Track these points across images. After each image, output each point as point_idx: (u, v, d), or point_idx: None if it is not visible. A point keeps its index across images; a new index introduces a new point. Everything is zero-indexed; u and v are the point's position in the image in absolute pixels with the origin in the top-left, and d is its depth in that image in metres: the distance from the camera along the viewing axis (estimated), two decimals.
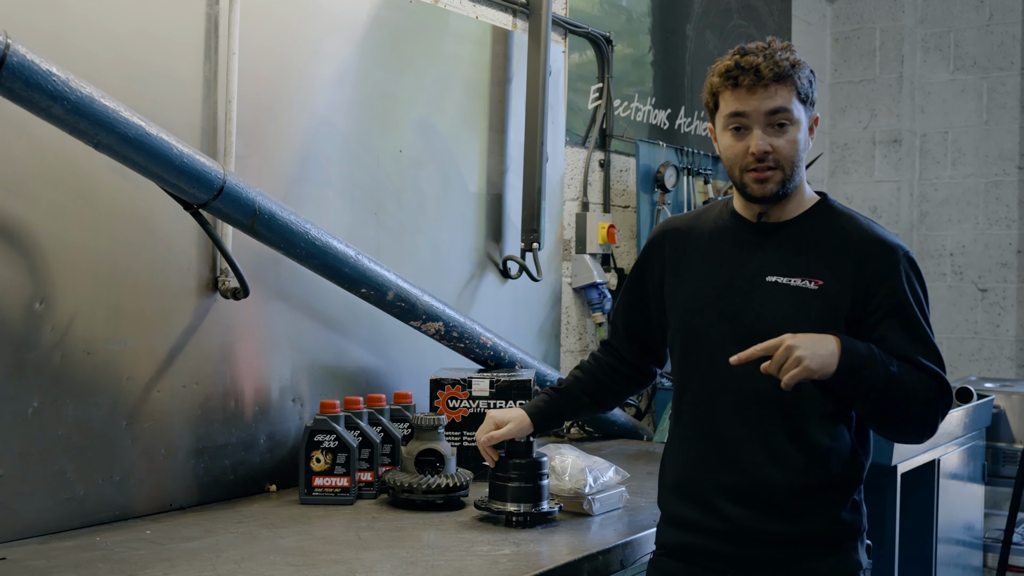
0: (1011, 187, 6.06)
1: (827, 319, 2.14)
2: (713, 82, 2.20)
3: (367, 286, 2.80)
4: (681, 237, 2.37)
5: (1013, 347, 6.05)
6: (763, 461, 2.17)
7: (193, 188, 2.36)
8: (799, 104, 2.16)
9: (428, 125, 3.37)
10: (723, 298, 2.23)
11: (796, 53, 2.18)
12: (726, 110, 2.18)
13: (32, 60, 2.01)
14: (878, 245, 2.19)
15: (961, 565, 4.56)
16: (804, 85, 2.17)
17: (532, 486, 2.51)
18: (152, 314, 2.56)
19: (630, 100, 4.46)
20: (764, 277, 2.20)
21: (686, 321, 2.29)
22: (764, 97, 2.13)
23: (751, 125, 2.16)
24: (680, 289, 2.32)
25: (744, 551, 2.18)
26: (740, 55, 2.17)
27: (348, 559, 2.20)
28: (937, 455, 4.18)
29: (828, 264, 2.18)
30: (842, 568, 2.20)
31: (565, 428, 3.82)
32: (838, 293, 2.15)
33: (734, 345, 2.15)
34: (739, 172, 2.19)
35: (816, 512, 2.17)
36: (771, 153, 2.15)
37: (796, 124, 2.16)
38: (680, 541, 2.27)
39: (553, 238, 3.93)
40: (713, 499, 2.20)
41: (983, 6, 6.12)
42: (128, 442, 2.50)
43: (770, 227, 2.25)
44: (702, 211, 2.44)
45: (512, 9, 3.79)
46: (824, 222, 2.24)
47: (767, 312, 2.18)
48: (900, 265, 2.17)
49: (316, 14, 2.98)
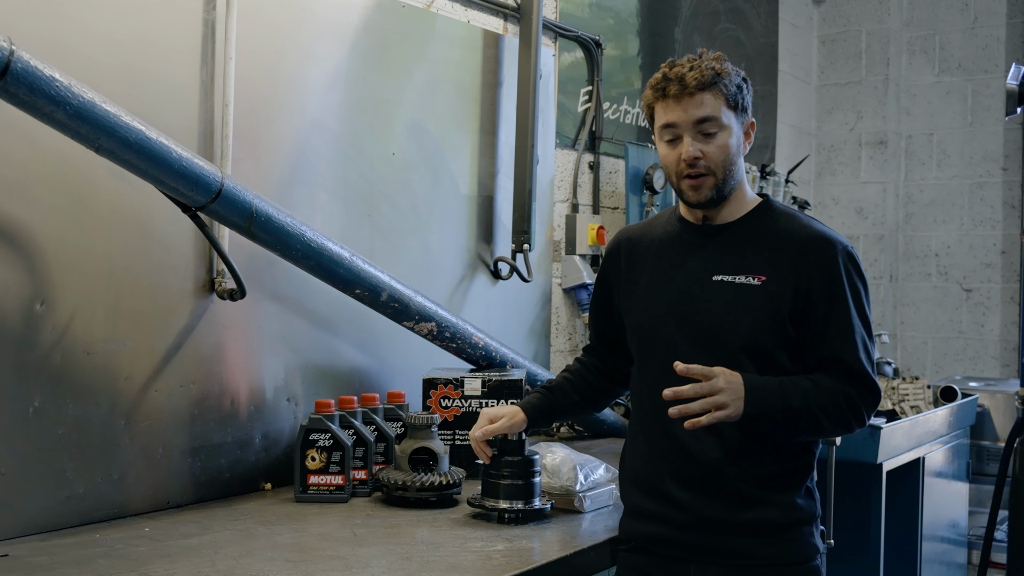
0: (995, 188, 6.12)
1: (770, 313, 2.25)
2: (646, 95, 2.33)
3: (361, 287, 2.83)
4: (633, 245, 2.49)
5: (997, 346, 6.11)
6: (717, 454, 2.26)
7: (191, 191, 2.39)
8: (728, 111, 2.27)
9: (420, 128, 3.41)
10: (673, 299, 2.34)
11: (727, 63, 2.29)
12: (659, 121, 2.31)
13: (36, 66, 2.04)
14: (817, 240, 2.29)
15: (946, 562, 4.61)
16: (732, 92, 2.27)
17: (524, 483, 2.56)
18: (150, 315, 2.59)
19: (619, 103, 4.51)
20: (711, 276, 2.31)
21: (640, 324, 2.40)
22: (690, 106, 2.24)
23: (681, 134, 2.27)
24: (635, 294, 2.43)
25: (704, 539, 2.27)
26: (669, 67, 2.29)
27: (344, 555, 2.23)
28: (922, 453, 4.23)
29: (769, 261, 2.28)
30: (799, 553, 2.29)
31: (555, 427, 3.86)
32: (780, 288, 2.25)
33: (686, 343, 2.29)
34: (676, 179, 2.32)
35: (771, 499, 2.26)
36: (701, 159, 2.26)
37: (726, 130, 2.27)
38: (642, 532, 2.36)
39: (543, 239, 3.97)
40: (671, 490, 2.29)
41: (968, 9, 6.18)
42: (126, 441, 2.54)
43: (714, 229, 2.36)
44: (653, 218, 2.56)
45: (503, 13, 3.83)
46: (766, 221, 2.35)
47: (714, 309, 2.29)
48: (839, 258, 2.27)
49: (309, 18, 3.01)
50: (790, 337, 2.26)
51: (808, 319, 2.25)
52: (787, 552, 2.27)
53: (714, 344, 2.27)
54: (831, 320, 2.25)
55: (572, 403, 2.62)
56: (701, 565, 2.28)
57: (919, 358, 6.32)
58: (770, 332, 2.25)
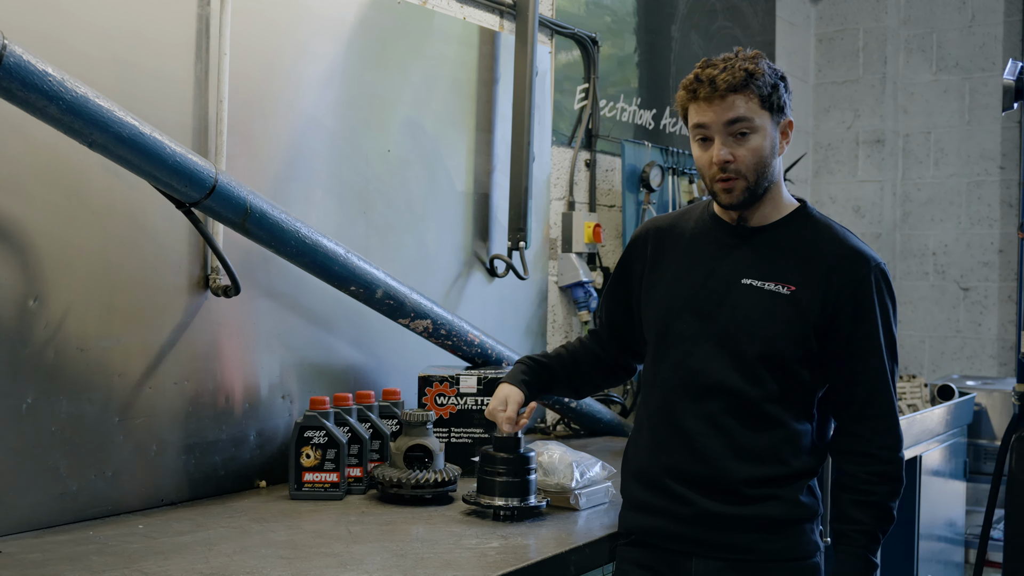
0: (993, 187, 6.12)
1: (798, 324, 2.22)
2: (679, 95, 2.28)
3: (356, 284, 2.83)
4: (663, 236, 2.44)
5: (995, 345, 6.11)
6: (724, 453, 2.25)
7: (185, 187, 2.38)
8: (763, 112, 2.20)
9: (416, 125, 3.40)
10: (698, 297, 2.31)
11: (763, 62, 2.22)
12: (691, 121, 2.26)
13: (28, 60, 2.03)
14: (851, 255, 2.26)
15: (943, 561, 4.60)
16: (766, 92, 2.20)
17: (520, 481, 2.55)
18: (144, 311, 2.58)
19: (616, 100, 4.50)
20: (739, 280, 2.28)
21: (661, 317, 2.36)
22: (721, 108, 2.19)
23: (712, 136, 2.23)
24: (658, 286, 2.39)
25: (706, 534, 2.26)
26: (702, 68, 2.23)
27: (339, 552, 2.23)
28: (919, 452, 4.23)
29: (801, 270, 2.25)
30: (801, 549, 2.29)
31: (551, 425, 3.86)
32: (809, 299, 2.22)
33: (705, 343, 2.26)
34: (709, 181, 2.28)
35: (776, 497, 2.25)
36: (732, 163, 2.21)
37: (759, 132, 2.21)
38: (644, 525, 2.34)
39: (540, 237, 3.96)
40: (675, 485, 2.28)
41: (965, 7, 6.17)
42: (120, 438, 2.53)
43: (748, 231, 2.32)
44: (685, 211, 2.50)
45: (499, 10, 3.82)
46: (801, 229, 2.31)
47: (739, 313, 2.26)
48: (871, 276, 2.24)
49: (305, 15, 3.01)
50: (812, 351, 2.23)
51: (833, 335, 2.22)
52: (788, 548, 2.27)
53: (733, 348, 2.24)
54: (857, 339, 2.24)
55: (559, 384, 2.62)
56: (702, 559, 2.27)
57: (916, 357, 6.32)
58: (793, 343, 2.22)
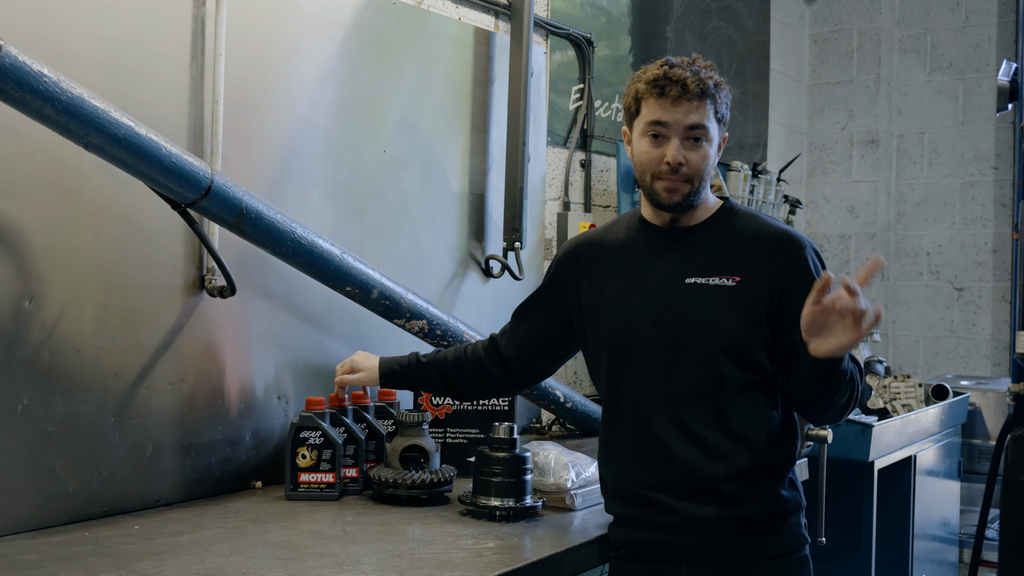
0: (987, 187, 6.13)
1: (748, 313, 2.26)
2: (639, 88, 2.30)
3: (352, 284, 2.83)
4: (595, 251, 2.46)
5: (989, 345, 6.12)
6: (698, 455, 2.26)
7: (181, 187, 2.38)
8: (715, 122, 2.28)
9: (411, 125, 3.40)
10: (646, 303, 2.33)
11: (718, 74, 2.30)
12: (648, 117, 2.28)
13: (24, 61, 2.03)
14: (786, 240, 2.31)
15: (937, 560, 4.61)
16: (722, 106, 2.29)
17: (515, 481, 2.55)
18: (140, 312, 2.58)
19: (611, 101, 4.50)
20: (683, 279, 2.31)
21: (614, 329, 2.37)
22: (687, 111, 2.24)
23: (670, 135, 2.26)
24: (602, 301, 2.40)
25: (693, 540, 2.27)
26: (668, 67, 2.27)
27: (335, 552, 2.23)
28: (914, 451, 4.24)
29: (742, 261, 2.30)
30: (789, 544, 2.31)
31: (546, 426, 3.86)
32: (755, 287, 2.27)
33: (663, 348, 2.29)
34: (650, 179, 2.30)
35: (756, 494, 2.27)
36: (684, 166, 2.26)
37: (710, 141, 2.29)
38: (631, 539, 2.35)
39: (535, 237, 3.96)
40: (656, 495, 2.29)
41: (959, 8, 6.19)
42: (116, 439, 2.53)
43: (682, 231, 2.36)
44: (611, 224, 2.54)
45: (494, 10, 3.82)
46: (731, 223, 2.36)
47: (689, 312, 2.29)
48: (808, 256, 2.30)
49: (300, 15, 3.00)
50: (766, 336, 2.27)
51: (783, 316, 2.25)
52: (777, 544, 2.29)
53: (692, 347, 2.27)
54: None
55: (434, 387, 2.72)
56: (692, 565, 2.28)
57: (910, 357, 6.33)
58: (749, 332, 2.26)
